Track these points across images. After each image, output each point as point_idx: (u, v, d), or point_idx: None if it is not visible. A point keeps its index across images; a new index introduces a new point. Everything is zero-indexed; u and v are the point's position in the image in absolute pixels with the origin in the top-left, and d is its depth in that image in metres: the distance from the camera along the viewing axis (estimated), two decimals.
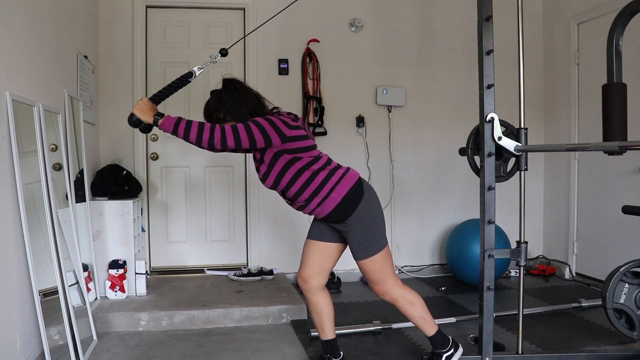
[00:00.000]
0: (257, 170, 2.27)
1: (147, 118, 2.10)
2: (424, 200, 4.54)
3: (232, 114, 2.21)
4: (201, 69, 2.22)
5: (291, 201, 2.27)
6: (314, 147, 2.24)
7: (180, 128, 2.06)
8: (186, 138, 2.07)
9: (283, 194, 2.26)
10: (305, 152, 2.18)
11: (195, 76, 2.22)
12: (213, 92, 2.28)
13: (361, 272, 2.33)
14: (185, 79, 2.22)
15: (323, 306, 2.39)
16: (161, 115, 2.11)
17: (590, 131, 4.15)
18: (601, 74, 2.10)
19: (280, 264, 4.30)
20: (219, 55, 2.24)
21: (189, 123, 2.07)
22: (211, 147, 2.08)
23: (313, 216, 2.36)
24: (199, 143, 2.07)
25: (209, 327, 3.20)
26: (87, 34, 3.73)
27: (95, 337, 2.92)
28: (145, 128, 2.15)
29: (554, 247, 4.62)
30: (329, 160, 2.26)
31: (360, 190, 2.21)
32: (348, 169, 2.27)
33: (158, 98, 2.19)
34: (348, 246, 2.33)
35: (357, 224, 2.20)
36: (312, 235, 2.38)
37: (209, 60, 2.23)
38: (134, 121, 2.12)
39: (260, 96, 2.29)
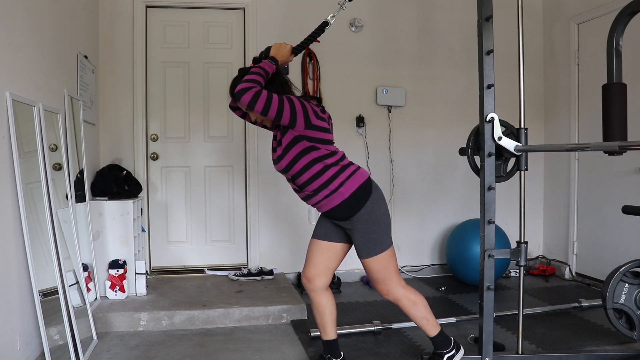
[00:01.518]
0: (273, 150, 2.29)
1: (272, 54, 2.27)
2: (424, 200, 4.54)
3: None
4: (334, 16, 2.39)
5: (299, 188, 2.27)
6: (332, 142, 2.27)
7: (253, 70, 2.17)
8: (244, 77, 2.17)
9: (293, 179, 2.27)
10: (323, 144, 2.20)
11: (329, 25, 2.39)
12: (241, 70, 2.31)
13: (365, 270, 2.33)
14: (322, 29, 2.39)
15: (326, 306, 2.40)
16: (275, 62, 2.24)
17: (590, 131, 4.15)
18: (601, 74, 2.10)
19: (280, 264, 4.30)
20: (348, 0, 2.40)
21: (255, 73, 2.14)
22: (237, 98, 2.10)
23: (317, 217, 2.37)
24: (240, 86, 2.10)
25: (209, 327, 3.20)
26: (87, 34, 3.72)
27: (95, 337, 2.92)
28: (262, 56, 2.31)
29: (554, 247, 4.62)
30: (343, 157, 2.28)
31: (368, 189, 2.23)
32: (359, 167, 2.29)
33: (299, 49, 2.39)
34: (353, 245, 2.33)
35: (363, 222, 2.21)
36: (318, 234, 2.39)
37: (338, 7, 2.40)
38: (267, 51, 2.31)
39: (290, 82, 2.34)
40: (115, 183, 3.69)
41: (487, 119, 2.31)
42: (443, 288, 4.07)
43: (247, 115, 2.38)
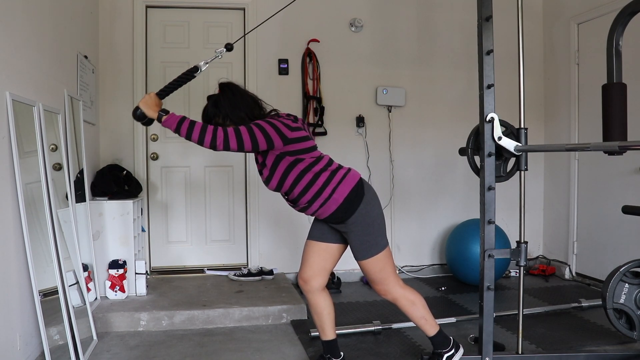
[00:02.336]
0: (260, 173, 2.28)
1: (152, 113, 2.12)
2: (424, 200, 4.54)
3: (231, 118, 2.22)
4: (207, 63, 2.24)
5: (294, 203, 2.27)
6: (315, 147, 2.26)
7: (183, 127, 2.06)
8: (188, 138, 2.07)
9: (286, 195, 2.28)
10: (306, 154, 2.19)
11: (200, 71, 2.24)
12: (210, 97, 2.29)
13: (362, 272, 2.33)
14: (190, 74, 2.23)
15: (323, 307, 2.40)
16: (166, 112, 2.12)
17: (590, 131, 4.15)
18: (601, 74, 2.10)
19: (280, 264, 4.30)
20: (225, 50, 2.25)
21: (192, 124, 2.07)
22: (213, 148, 2.09)
23: (313, 217, 2.37)
24: (200, 143, 2.07)
25: (209, 327, 3.20)
26: (87, 34, 3.73)
27: (95, 337, 2.92)
28: (148, 122, 2.16)
29: (554, 247, 4.62)
30: (330, 161, 2.27)
31: (361, 191, 2.22)
32: (349, 169, 2.28)
33: (164, 93, 2.21)
34: (349, 246, 2.33)
35: (357, 225, 2.21)
36: (313, 236, 2.39)
37: (214, 55, 2.24)
38: (138, 114, 2.12)
39: (258, 99, 2.30)
40: (115, 183, 3.69)
41: (487, 119, 2.31)
42: (443, 288, 4.07)
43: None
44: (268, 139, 2.09)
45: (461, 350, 2.40)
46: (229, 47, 2.25)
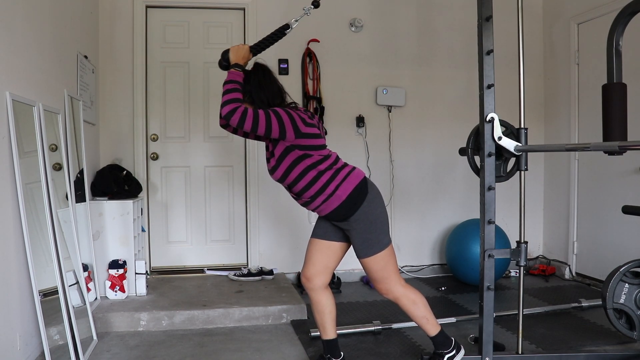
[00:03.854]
0: (267, 161, 2.31)
1: (233, 60, 2.27)
2: (424, 200, 4.54)
3: (252, 96, 2.25)
4: (297, 21, 2.37)
5: (297, 196, 2.29)
6: (325, 146, 2.28)
7: (226, 87, 2.18)
8: (222, 96, 2.17)
9: (289, 188, 2.29)
10: (315, 150, 2.21)
11: (291, 28, 2.38)
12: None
13: (364, 270, 2.34)
14: (282, 32, 2.37)
15: (325, 305, 2.40)
16: (240, 68, 2.24)
17: (590, 131, 4.15)
18: (601, 74, 2.10)
19: (280, 264, 4.30)
20: (312, 7, 2.39)
21: (231, 90, 2.16)
22: (226, 120, 2.13)
23: (316, 216, 2.38)
24: (221, 107, 2.13)
25: (209, 327, 3.20)
26: (87, 34, 3.72)
27: (95, 337, 2.92)
28: (224, 66, 2.31)
29: (554, 247, 4.62)
30: (337, 160, 2.29)
31: (364, 190, 2.23)
32: (354, 168, 2.30)
33: (257, 48, 2.36)
34: (351, 245, 2.34)
35: (360, 222, 2.22)
36: (316, 234, 2.40)
37: (302, 12, 2.38)
38: (225, 57, 2.30)
39: (284, 90, 2.35)
40: (115, 183, 3.69)
41: (487, 119, 2.31)
42: (443, 288, 4.07)
43: (238, 130, 2.38)
44: (282, 127, 2.12)
45: (462, 352, 2.40)
46: (316, 5, 2.41)
